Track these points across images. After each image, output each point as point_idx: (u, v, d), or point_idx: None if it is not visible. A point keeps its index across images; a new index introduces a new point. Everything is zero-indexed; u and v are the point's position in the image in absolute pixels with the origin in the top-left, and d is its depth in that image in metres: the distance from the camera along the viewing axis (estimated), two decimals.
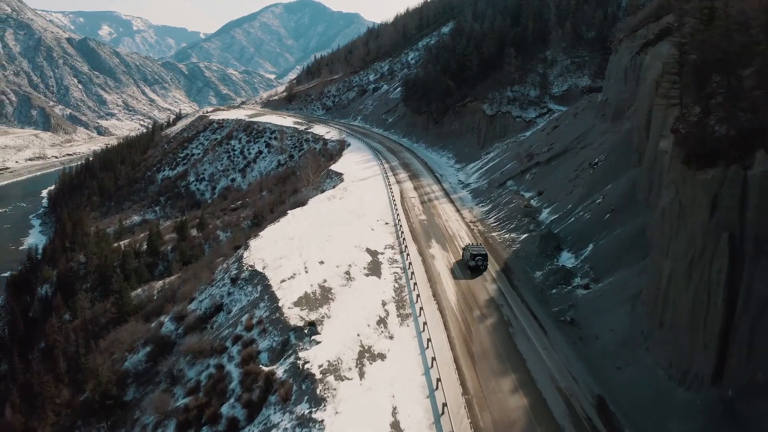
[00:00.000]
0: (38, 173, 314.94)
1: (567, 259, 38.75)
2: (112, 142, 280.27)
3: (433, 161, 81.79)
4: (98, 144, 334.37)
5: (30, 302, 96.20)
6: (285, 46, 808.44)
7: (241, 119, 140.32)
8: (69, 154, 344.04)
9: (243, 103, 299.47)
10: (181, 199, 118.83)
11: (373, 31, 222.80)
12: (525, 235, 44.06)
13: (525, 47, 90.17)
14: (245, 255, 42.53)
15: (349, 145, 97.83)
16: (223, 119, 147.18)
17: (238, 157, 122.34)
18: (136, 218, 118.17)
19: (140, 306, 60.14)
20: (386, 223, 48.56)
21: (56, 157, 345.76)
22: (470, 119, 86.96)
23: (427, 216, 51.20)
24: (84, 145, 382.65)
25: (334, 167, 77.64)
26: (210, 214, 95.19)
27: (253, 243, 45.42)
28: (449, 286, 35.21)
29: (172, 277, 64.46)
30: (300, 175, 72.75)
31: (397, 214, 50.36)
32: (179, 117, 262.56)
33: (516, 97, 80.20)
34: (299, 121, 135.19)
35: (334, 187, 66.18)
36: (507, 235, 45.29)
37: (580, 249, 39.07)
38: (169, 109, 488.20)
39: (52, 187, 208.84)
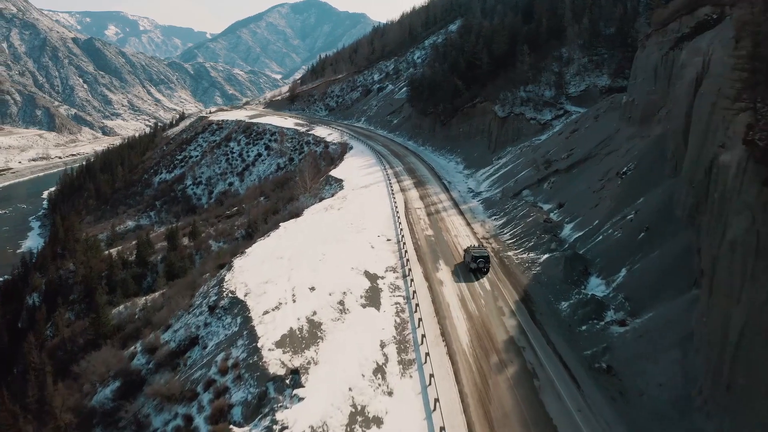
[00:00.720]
0: (41, 174, 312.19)
1: (596, 286, 33.40)
2: (117, 142, 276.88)
3: (441, 166, 76.54)
4: (103, 144, 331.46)
5: (19, 311, 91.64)
6: (291, 46, 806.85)
7: (241, 120, 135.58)
8: (73, 155, 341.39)
9: (246, 103, 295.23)
10: (177, 203, 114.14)
11: (379, 30, 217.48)
12: (546, 256, 38.73)
13: (538, 44, 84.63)
14: (227, 278, 37.46)
15: (351, 148, 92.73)
16: (222, 120, 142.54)
17: (237, 160, 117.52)
18: (130, 223, 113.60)
19: (120, 326, 55.35)
20: (388, 240, 43.39)
21: (60, 158, 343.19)
22: (480, 121, 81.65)
23: (434, 230, 45.97)
24: (88, 145, 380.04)
25: (334, 173, 72.53)
26: (204, 221, 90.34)
27: (237, 263, 40.37)
28: (460, 322, 29.96)
29: (156, 294, 59.59)
30: (298, 181, 67.68)
31: (401, 229, 45.19)
32: (182, 117, 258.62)
33: (530, 97, 74.76)
34: (300, 122, 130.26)
35: (333, 195, 61.08)
36: (525, 255, 39.99)
37: (612, 274, 33.72)
38: (174, 109, 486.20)
39: (54, 189, 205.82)
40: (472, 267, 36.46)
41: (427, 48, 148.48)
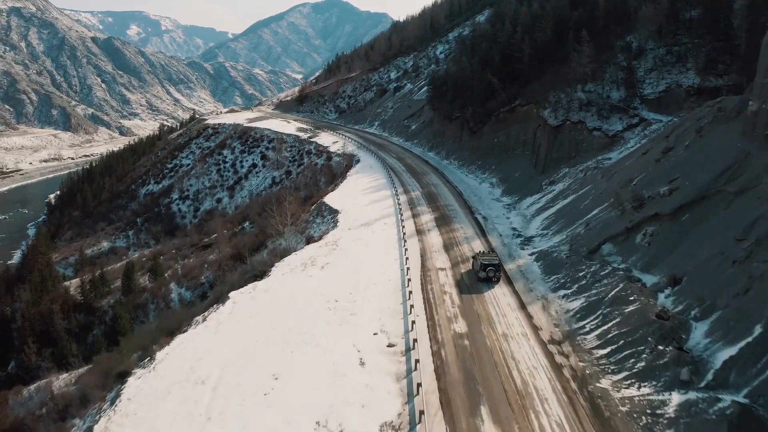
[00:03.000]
0: (50, 175, 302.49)
1: None
2: (133, 142, 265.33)
3: (471, 190, 58.34)
4: (119, 144, 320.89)
5: None
6: (312, 46, 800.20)
7: (238, 124, 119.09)
8: (86, 155, 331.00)
9: (260, 104, 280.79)
10: (160, 222, 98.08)
11: (398, 25, 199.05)
12: (676, 399, 20.57)
13: (595, 31, 65.67)
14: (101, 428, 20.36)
15: (358, 161, 75.18)
16: (219, 124, 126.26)
17: (229, 171, 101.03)
18: (105, 244, 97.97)
19: (16, 427, 39.34)
20: (390, 345, 25.53)
21: (72, 159, 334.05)
22: (521, 130, 63.33)
23: (467, 321, 27.87)
24: (104, 145, 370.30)
25: (330, 198, 55.02)
26: (176, 252, 73.80)
27: (129, 391, 23.21)
28: None
29: (73, 375, 42.94)
30: (276, 214, 50.23)
31: (413, 320, 27.31)
32: (192, 118, 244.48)
33: (591, 99, 56.18)
34: (304, 127, 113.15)
35: (321, 236, 43.61)
36: (634, 392, 21.79)
37: None
38: (193, 109, 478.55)
39: (56, 193, 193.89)
40: (480, 276, 32.39)
41: (451, 42, 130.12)
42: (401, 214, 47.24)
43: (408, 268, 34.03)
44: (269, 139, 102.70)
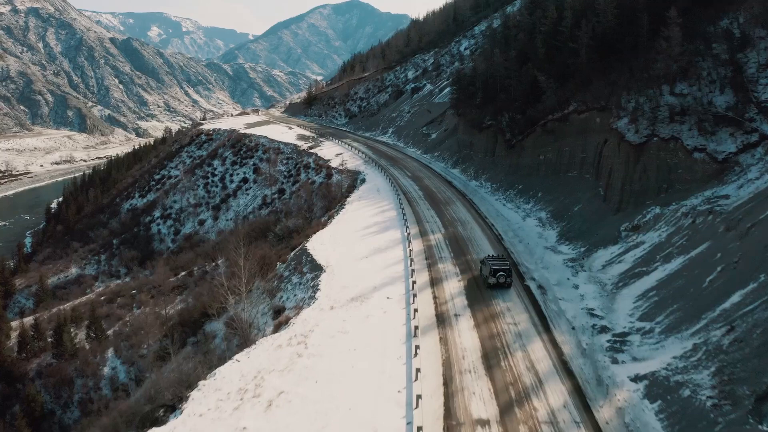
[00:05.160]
0: (60, 178, 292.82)
1: None
2: (146, 144, 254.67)
3: (513, 230, 42.19)
4: (134, 146, 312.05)
5: None
6: (333, 48, 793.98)
7: (234, 130, 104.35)
8: (99, 158, 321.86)
9: (272, 106, 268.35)
10: (137, 245, 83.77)
11: (418, 23, 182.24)
12: None
13: (669, 15, 48.93)
14: None
15: (363, 180, 59.62)
16: (213, 130, 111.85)
17: (217, 186, 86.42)
18: (73, 271, 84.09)
19: None
20: None
21: (84, 161, 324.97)
22: (579, 145, 47.01)
23: None
24: (119, 147, 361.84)
25: (316, 243, 39.37)
26: (135, 291, 59.12)
27: None
28: None
29: None
30: (245, 263, 34.62)
31: None
32: (204, 119, 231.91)
33: (686, 106, 39.59)
34: (306, 134, 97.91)
35: (287, 320, 28.13)
36: None
37: None
38: (211, 111, 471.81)
39: (58, 199, 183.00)
40: (490, 282, 29.82)
41: (477, 36, 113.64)
42: (411, 270, 31.47)
43: (419, 428, 18.20)
44: (264, 148, 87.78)
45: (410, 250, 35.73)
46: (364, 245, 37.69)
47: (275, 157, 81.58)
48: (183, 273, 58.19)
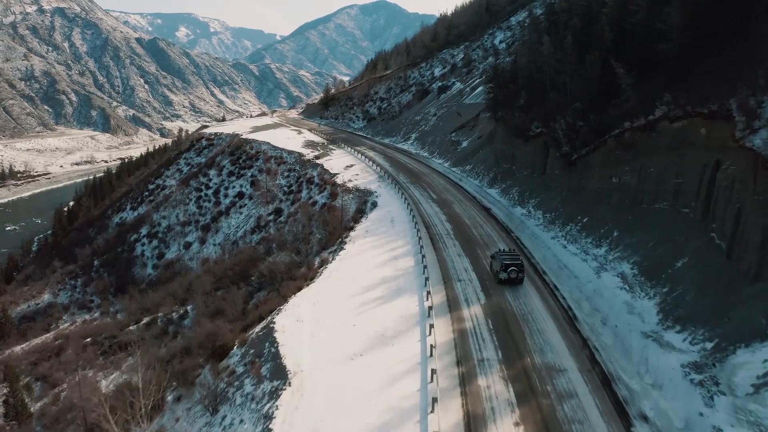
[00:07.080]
0: (78, 180, 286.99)
1: None
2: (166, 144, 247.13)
3: (585, 293, 28.43)
4: (158, 146, 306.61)
5: None
6: (360, 48, 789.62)
7: (236, 134, 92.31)
8: (121, 158, 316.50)
9: (293, 106, 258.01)
10: (116, 269, 72.20)
11: (446, 19, 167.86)
12: None
13: None
14: None
15: (374, 205, 46.31)
16: (215, 134, 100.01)
17: (210, 200, 74.43)
18: (45, 297, 72.95)
19: None
20: None
21: (105, 162, 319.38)
22: (672, 165, 32.81)
23: None
24: (142, 147, 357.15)
25: (284, 321, 26.25)
26: (90, 339, 46.91)
27: None
28: None
29: None
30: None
31: None
32: (223, 120, 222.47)
33: None
34: (315, 140, 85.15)
35: None
36: None
37: None
38: (237, 111, 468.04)
39: (69, 203, 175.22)
40: (502, 278, 28.73)
41: (514, 28, 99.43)
42: (435, 414, 17.93)
43: None
44: (266, 157, 75.35)
45: (432, 339, 22.27)
46: (360, 327, 24.36)
47: (276, 168, 69.16)
48: (146, 319, 45.94)
